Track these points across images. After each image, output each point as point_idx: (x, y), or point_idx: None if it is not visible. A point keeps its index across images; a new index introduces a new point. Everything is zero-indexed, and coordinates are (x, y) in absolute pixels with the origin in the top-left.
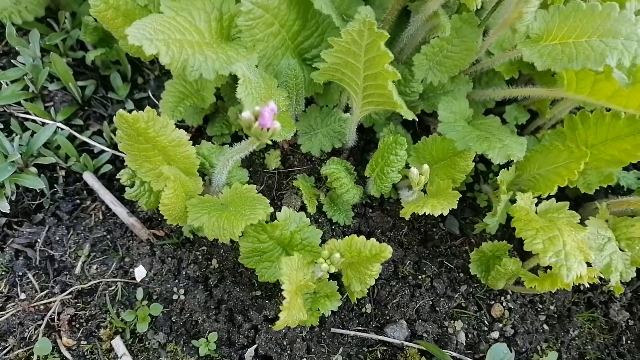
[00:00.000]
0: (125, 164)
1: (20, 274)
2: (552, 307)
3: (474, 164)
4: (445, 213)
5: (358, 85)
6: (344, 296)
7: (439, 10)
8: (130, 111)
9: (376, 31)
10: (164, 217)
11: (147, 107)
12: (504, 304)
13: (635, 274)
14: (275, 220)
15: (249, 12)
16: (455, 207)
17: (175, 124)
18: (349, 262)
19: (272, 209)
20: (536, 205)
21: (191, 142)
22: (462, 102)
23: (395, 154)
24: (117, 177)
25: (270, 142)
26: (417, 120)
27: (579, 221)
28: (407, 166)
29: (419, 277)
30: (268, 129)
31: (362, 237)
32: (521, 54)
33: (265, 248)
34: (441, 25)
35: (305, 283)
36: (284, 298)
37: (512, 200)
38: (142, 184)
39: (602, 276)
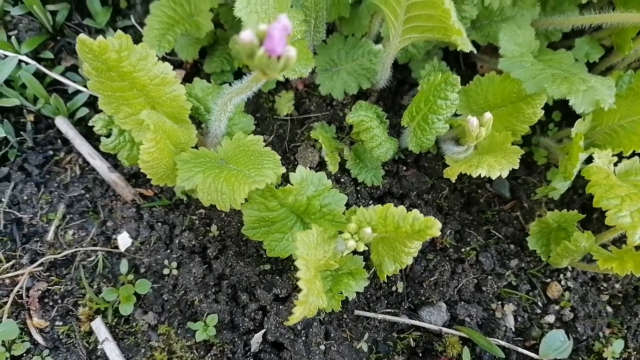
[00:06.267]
0: (98, 104)
1: None
2: (617, 286)
3: (542, 111)
4: (505, 175)
5: (400, 4)
6: (371, 272)
7: None
8: None
9: None
10: None
11: (119, 32)
12: (562, 282)
13: None
14: (288, 184)
15: None
16: (516, 168)
17: (167, 59)
18: (382, 237)
19: (284, 169)
20: (614, 165)
21: (179, 79)
22: (527, 31)
23: (445, 97)
24: (91, 123)
25: (281, 79)
26: (474, 51)
27: None
28: (455, 114)
29: (462, 249)
30: (279, 57)
31: (402, 208)
32: None
33: (275, 217)
34: None
35: (326, 262)
36: (300, 290)
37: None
38: (120, 133)
39: None
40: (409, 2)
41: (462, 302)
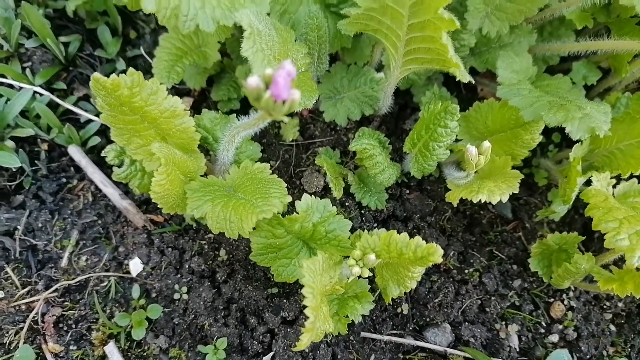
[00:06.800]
0: (111, 136)
1: None
2: (620, 305)
3: (541, 137)
4: (505, 200)
5: (399, 38)
6: (376, 294)
7: None
8: (119, 73)
9: None
10: None
11: (131, 70)
12: (565, 301)
13: None
14: (295, 213)
15: None
16: (516, 192)
17: (175, 87)
18: (386, 262)
19: (290, 198)
20: (613, 187)
21: (189, 111)
22: (524, 58)
23: (445, 125)
24: (103, 154)
25: (286, 119)
26: (471, 80)
27: None
28: (455, 139)
29: (465, 270)
30: (284, 101)
31: (404, 235)
32: None
33: (282, 244)
34: None
35: (332, 287)
36: (307, 317)
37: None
38: (132, 162)
39: None
40: (408, 37)
41: (466, 323)
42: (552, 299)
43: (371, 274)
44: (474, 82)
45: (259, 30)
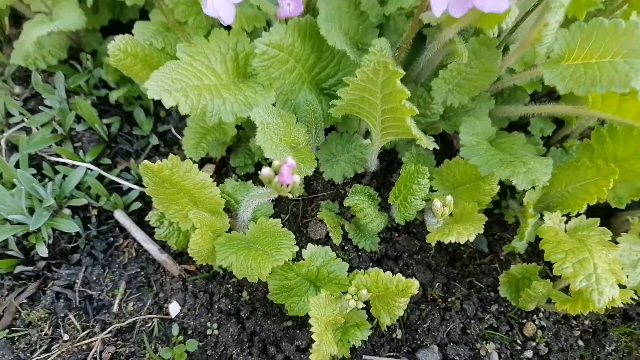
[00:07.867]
0: (153, 204)
1: (62, 315)
2: (586, 322)
3: (498, 187)
4: (472, 239)
5: (376, 119)
6: (374, 322)
7: (455, 37)
8: (155, 146)
9: (391, 69)
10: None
11: (171, 155)
12: (537, 322)
13: None
14: (301, 260)
15: (263, 53)
16: (481, 232)
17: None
18: (377, 295)
19: (297, 248)
20: (566, 223)
21: (215, 182)
22: (484, 121)
23: (418, 183)
24: (147, 219)
25: (289, 195)
26: (438, 139)
27: (610, 238)
28: (432, 189)
29: (449, 299)
30: (288, 185)
31: (388, 273)
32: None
33: (293, 284)
34: (458, 51)
35: (335, 318)
36: (314, 341)
37: (542, 215)
38: (170, 224)
39: (637, 295)
40: (382, 117)
41: (452, 344)
42: (525, 320)
43: (366, 306)
44: (438, 147)
45: (268, 122)
